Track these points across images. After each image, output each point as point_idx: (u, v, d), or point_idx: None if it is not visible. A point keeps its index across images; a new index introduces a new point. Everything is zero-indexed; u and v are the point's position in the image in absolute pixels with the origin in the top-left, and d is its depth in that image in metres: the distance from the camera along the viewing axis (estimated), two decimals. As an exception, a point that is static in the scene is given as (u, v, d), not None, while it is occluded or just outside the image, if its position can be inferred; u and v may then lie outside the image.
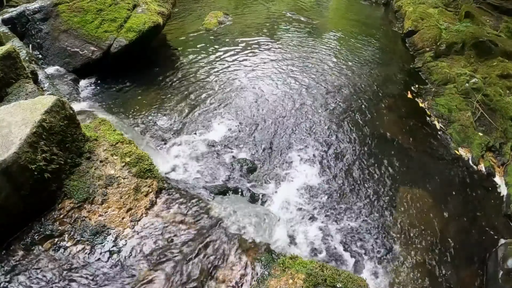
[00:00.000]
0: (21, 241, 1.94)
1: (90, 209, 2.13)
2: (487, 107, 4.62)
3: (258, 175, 3.36)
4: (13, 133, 1.92)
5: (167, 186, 2.45)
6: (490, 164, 3.93)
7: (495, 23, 6.37)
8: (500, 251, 2.90)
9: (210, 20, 6.37)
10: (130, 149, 2.48)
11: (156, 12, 4.81)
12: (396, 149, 3.96)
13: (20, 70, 2.80)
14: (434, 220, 3.21)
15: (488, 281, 2.79)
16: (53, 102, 2.13)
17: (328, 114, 4.35)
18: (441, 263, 2.87)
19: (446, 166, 3.85)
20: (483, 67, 5.30)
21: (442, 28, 6.12)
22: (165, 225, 2.20)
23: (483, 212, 3.41)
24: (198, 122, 3.96)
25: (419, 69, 5.63)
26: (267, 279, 1.99)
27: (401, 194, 3.40)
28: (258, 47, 5.78)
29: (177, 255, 2.04)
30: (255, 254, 2.13)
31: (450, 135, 4.27)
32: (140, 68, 4.76)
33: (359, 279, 2.05)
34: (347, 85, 5.00)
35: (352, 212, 3.15)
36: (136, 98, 4.24)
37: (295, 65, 5.37)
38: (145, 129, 3.73)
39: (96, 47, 4.33)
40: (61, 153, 2.14)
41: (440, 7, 6.99)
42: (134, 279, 1.92)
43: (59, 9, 4.43)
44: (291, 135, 3.92)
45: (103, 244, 2.02)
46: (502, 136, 4.25)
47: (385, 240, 2.96)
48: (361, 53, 6.02)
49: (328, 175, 3.48)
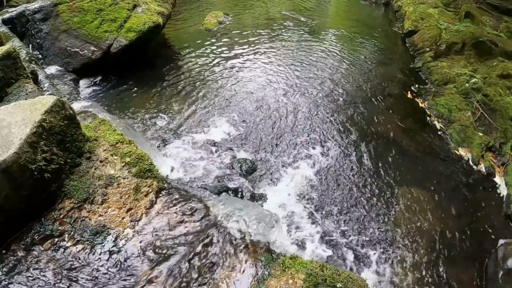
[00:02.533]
0: (21, 241, 1.93)
1: (90, 209, 2.13)
2: (487, 107, 4.62)
3: (258, 175, 3.37)
4: (13, 133, 1.91)
5: (167, 186, 2.45)
6: (490, 164, 3.94)
7: (495, 23, 6.36)
8: (500, 251, 2.90)
9: (210, 20, 6.37)
10: (130, 149, 2.48)
11: (156, 12, 4.81)
12: (396, 149, 3.96)
13: (20, 70, 2.80)
14: (434, 220, 3.21)
15: (488, 281, 2.79)
16: (53, 102, 2.12)
17: (328, 114, 4.35)
18: (441, 263, 2.87)
19: (446, 166, 3.85)
20: (483, 67, 5.30)
21: (442, 28, 6.12)
22: (165, 225, 2.20)
23: (483, 212, 3.41)
24: (198, 122, 3.96)
25: (419, 69, 5.63)
26: (267, 279, 1.99)
27: (400, 194, 3.40)
28: (258, 47, 5.78)
29: (177, 255, 2.04)
30: (255, 254, 2.13)
31: (450, 135, 4.27)
32: (140, 68, 4.76)
33: (359, 279, 2.05)
34: (347, 85, 5.00)
35: (351, 212, 3.15)
36: (136, 98, 4.24)
37: (295, 65, 5.38)
38: (145, 129, 3.73)
39: (96, 47, 4.34)
40: (61, 153, 2.14)
41: (440, 7, 6.99)
42: (134, 279, 1.92)
43: (59, 9, 4.44)
44: (290, 135, 3.93)
45: (103, 244, 2.02)
46: (502, 136, 4.25)
47: (385, 239, 2.96)
48: (361, 53, 6.02)
49: (328, 175, 3.48)
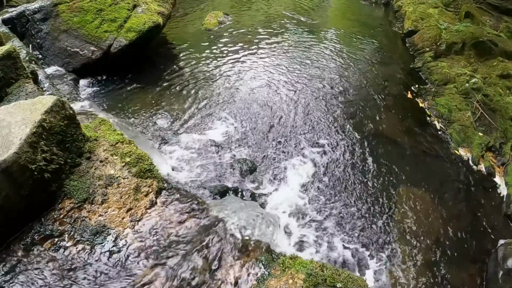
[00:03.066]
0: (21, 241, 1.93)
1: (90, 209, 2.13)
2: (487, 107, 4.62)
3: (258, 175, 3.37)
4: (13, 133, 1.91)
5: (167, 186, 2.45)
6: (490, 164, 3.93)
7: (495, 23, 6.36)
8: (500, 251, 2.90)
9: (210, 20, 6.37)
10: (130, 149, 2.48)
11: (156, 12, 4.81)
12: (396, 149, 3.96)
13: (20, 70, 2.80)
14: (434, 220, 3.21)
15: (488, 281, 2.79)
16: (53, 102, 2.12)
17: (328, 114, 4.35)
18: (441, 263, 2.87)
19: (446, 166, 3.85)
20: (483, 67, 5.30)
21: (442, 28, 6.12)
22: (165, 225, 2.20)
23: (483, 212, 3.41)
24: (198, 122, 3.96)
25: (419, 69, 5.63)
26: (267, 279, 1.99)
27: (401, 194, 3.40)
28: (258, 48, 5.78)
29: (177, 255, 2.04)
30: (255, 254, 2.13)
31: (450, 135, 4.27)
32: (140, 68, 4.76)
33: (359, 279, 2.05)
34: (347, 85, 5.00)
35: (352, 212, 3.15)
36: (136, 98, 4.24)
37: (295, 65, 5.38)
38: (145, 129, 3.73)
39: (96, 47, 4.34)
40: (61, 153, 2.14)
41: (440, 7, 6.99)
42: (134, 279, 1.92)
43: (59, 9, 4.44)
44: (290, 135, 3.93)
45: (103, 244, 2.02)
46: (502, 136, 4.25)
47: (385, 240, 2.96)
48: (361, 53, 6.01)
49: (328, 175, 3.48)
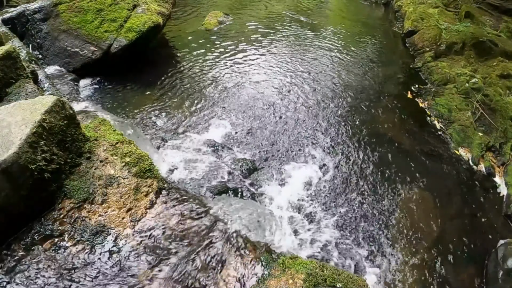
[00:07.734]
0: (21, 241, 1.93)
1: (90, 209, 2.13)
2: (487, 107, 4.62)
3: (258, 175, 3.37)
4: (13, 133, 1.91)
5: (167, 186, 2.45)
6: (490, 164, 3.94)
7: (495, 23, 6.37)
8: (500, 251, 2.90)
9: (210, 20, 6.37)
10: (130, 149, 2.48)
11: (156, 12, 4.81)
12: (396, 149, 3.96)
13: (20, 70, 2.80)
14: (434, 220, 3.21)
15: (488, 281, 2.79)
16: (53, 102, 2.12)
17: (328, 114, 4.35)
18: (441, 263, 2.87)
19: (446, 166, 3.85)
20: (483, 67, 5.30)
21: (442, 28, 6.12)
22: (165, 225, 2.20)
23: (483, 212, 3.41)
24: (199, 122, 3.96)
25: (419, 69, 5.63)
26: (267, 279, 1.99)
27: (401, 194, 3.40)
28: (258, 48, 5.78)
29: (177, 255, 2.04)
30: (255, 254, 2.13)
31: (450, 135, 4.27)
32: (140, 68, 4.76)
33: (359, 279, 2.05)
34: (346, 85, 5.00)
35: (352, 212, 3.15)
36: (136, 98, 4.24)
37: (295, 65, 5.38)
38: (145, 129, 3.73)
39: (96, 47, 4.33)
40: (61, 153, 2.14)
41: (440, 7, 6.99)
42: (134, 279, 1.92)
43: (59, 9, 4.43)
44: (291, 135, 3.93)
45: (103, 244, 2.02)
46: (502, 136, 4.25)
47: (385, 239, 2.96)
48: (361, 53, 6.02)
49: (328, 175, 3.48)
